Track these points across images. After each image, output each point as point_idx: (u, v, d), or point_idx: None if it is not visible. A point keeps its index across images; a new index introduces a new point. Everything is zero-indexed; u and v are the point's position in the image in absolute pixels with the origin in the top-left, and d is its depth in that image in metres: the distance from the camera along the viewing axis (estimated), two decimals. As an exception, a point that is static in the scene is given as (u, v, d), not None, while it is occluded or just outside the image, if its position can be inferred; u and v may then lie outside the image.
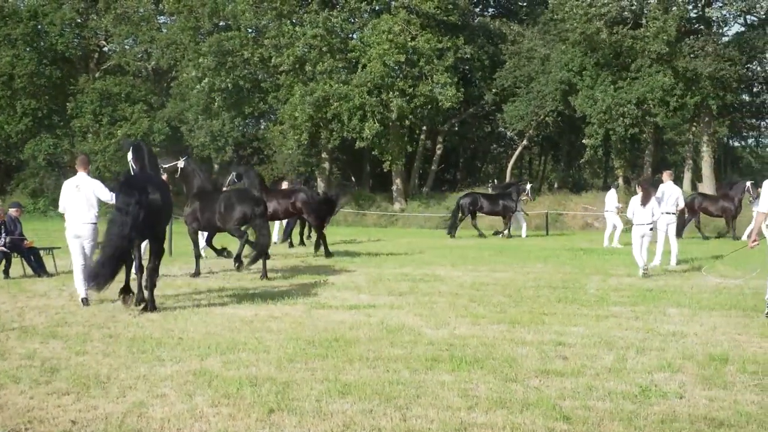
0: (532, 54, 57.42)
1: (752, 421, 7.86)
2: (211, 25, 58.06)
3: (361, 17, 56.72)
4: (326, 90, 52.16)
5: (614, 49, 52.03)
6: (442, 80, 53.15)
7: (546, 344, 11.35)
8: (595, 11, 50.13)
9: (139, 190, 14.24)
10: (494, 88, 59.25)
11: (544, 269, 22.53)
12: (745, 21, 57.10)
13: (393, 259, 25.68)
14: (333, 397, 8.63)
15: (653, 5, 52.31)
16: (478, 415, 8.02)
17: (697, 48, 51.54)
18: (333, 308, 14.77)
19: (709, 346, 11.33)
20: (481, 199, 39.77)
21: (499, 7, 71.12)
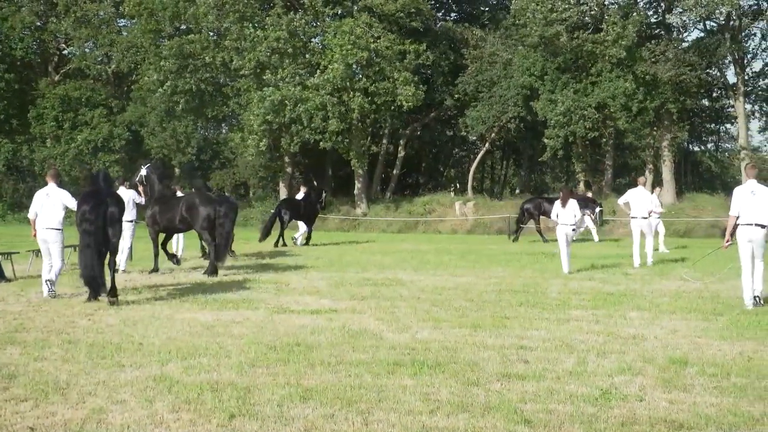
0: (494, 58, 57.59)
1: (711, 423, 7.91)
2: (173, 28, 57.85)
3: (323, 21, 56.66)
4: (283, 94, 52.01)
5: (575, 54, 52.32)
6: (401, 78, 53.12)
7: (507, 348, 11.37)
8: (555, 16, 50.36)
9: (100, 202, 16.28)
10: (456, 92, 59.35)
11: (505, 273, 22.58)
12: (705, 27, 57.51)
13: (355, 264, 25.66)
14: (294, 401, 8.60)
15: (613, 10, 52.65)
16: (439, 419, 8.02)
17: (657, 53, 51.89)
18: (294, 313, 14.74)
19: (669, 349, 11.39)
20: (544, 204, 39.95)
21: (461, 12, 71.21)
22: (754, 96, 60.76)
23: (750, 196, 15.74)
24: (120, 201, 17.25)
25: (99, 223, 16.03)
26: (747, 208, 15.71)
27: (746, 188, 16.00)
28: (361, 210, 58.07)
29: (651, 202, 26.43)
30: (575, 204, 23.82)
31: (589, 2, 51.14)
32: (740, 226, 15.77)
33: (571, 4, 50.62)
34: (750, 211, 15.66)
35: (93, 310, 15.07)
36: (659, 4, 55.97)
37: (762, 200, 15.62)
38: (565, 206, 23.57)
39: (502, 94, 56.01)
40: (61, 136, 61.91)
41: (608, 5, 54.17)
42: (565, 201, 23.68)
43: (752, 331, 12.87)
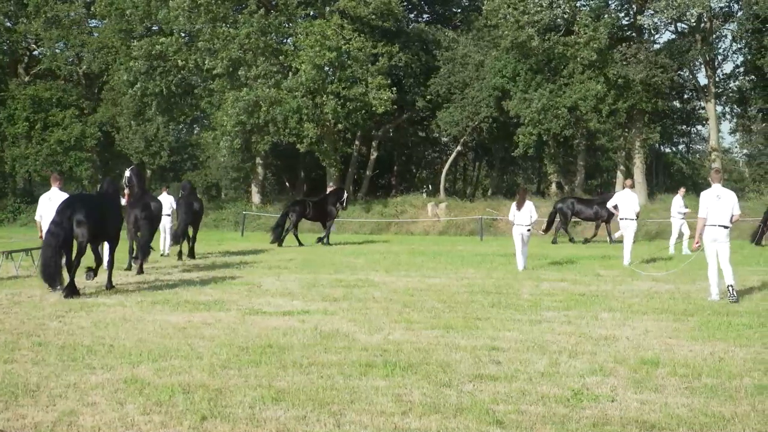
0: (467, 60, 57.70)
1: (683, 423, 7.94)
2: (143, 29, 57.64)
3: (296, 23, 56.59)
4: (258, 95, 51.94)
5: (546, 56, 52.46)
6: (375, 83, 53.13)
7: (479, 349, 11.38)
8: (527, 18, 50.51)
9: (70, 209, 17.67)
10: (429, 94, 59.40)
11: (477, 274, 22.60)
12: (676, 29, 57.78)
13: (327, 265, 25.61)
14: (266, 403, 8.58)
15: (585, 13, 52.82)
16: (411, 420, 8.02)
17: (628, 55, 52.12)
18: (267, 314, 14.71)
19: (640, 349, 11.43)
20: (576, 204, 40.00)
21: (433, 14, 71.28)
22: (725, 98, 61.08)
23: (716, 200, 17.16)
24: (102, 206, 18.73)
25: (65, 225, 17.27)
26: (712, 211, 17.10)
27: (712, 192, 17.37)
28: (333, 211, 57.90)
29: (638, 204, 27.16)
30: (531, 206, 24.71)
31: (561, 4, 51.28)
32: (706, 227, 17.15)
33: (543, 6, 50.76)
34: (715, 214, 17.07)
35: (64, 311, 14.99)
36: (630, 6, 56.21)
37: (726, 203, 17.13)
38: (521, 208, 24.49)
39: (474, 95, 56.16)
40: (33, 136, 61.59)
41: (580, 7, 54.36)
42: (521, 202, 24.61)
43: (723, 331, 12.92)
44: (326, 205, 38.73)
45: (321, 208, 38.63)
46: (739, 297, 16.84)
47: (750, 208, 46.51)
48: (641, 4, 54.63)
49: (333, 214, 39.02)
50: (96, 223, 17.95)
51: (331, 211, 38.72)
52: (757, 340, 12.19)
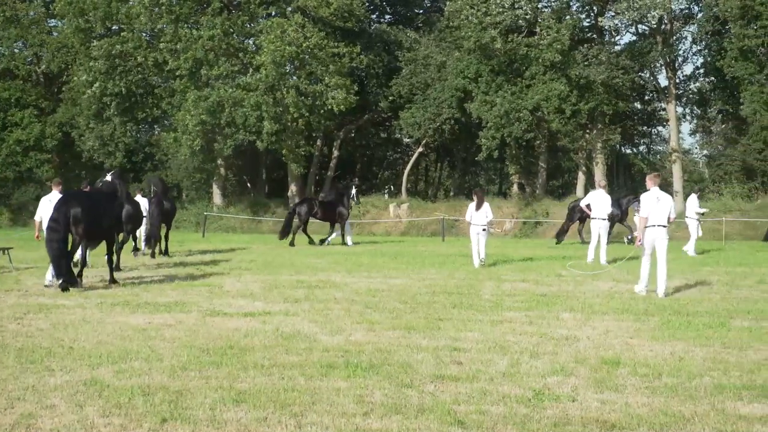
0: (429, 61, 57.81)
1: (643, 423, 7.98)
2: (104, 28, 57.32)
3: (257, 22, 56.50)
4: (221, 95, 51.83)
5: (509, 57, 52.60)
6: (333, 82, 53.11)
7: (441, 350, 11.39)
8: (490, 20, 50.66)
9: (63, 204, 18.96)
10: (390, 95, 59.44)
11: (439, 275, 22.62)
12: (637, 30, 58.13)
13: (288, 266, 25.55)
14: (227, 405, 8.55)
15: (547, 14, 53.05)
16: (373, 421, 8.01)
17: (590, 56, 52.37)
18: (228, 316, 14.66)
19: (601, 349, 11.48)
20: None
21: (395, 15, 71.31)
22: (685, 99, 61.55)
23: (656, 202, 18.35)
24: (95, 203, 19.89)
25: (61, 221, 18.55)
26: (653, 212, 18.31)
27: (652, 195, 18.55)
28: (295, 212, 57.90)
29: (610, 205, 27.91)
30: (488, 206, 25.92)
31: (522, 6, 51.44)
32: (647, 227, 18.37)
33: (505, 7, 50.92)
34: (655, 215, 18.28)
35: (22, 313, 14.88)
36: (592, 8, 56.46)
37: (665, 205, 18.36)
38: (479, 209, 25.64)
39: (436, 96, 56.24)
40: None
41: (542, 9, 54.57)
42: (479, 203, 25.75)
43: (683, 331, 13.00)
44: (336, 205, 38.57)
45: (331, 209, 38.52)
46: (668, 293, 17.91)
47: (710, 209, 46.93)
48: (602, 5, 54.91)
49: (345, 214, 38.68)
50: (92, 220, 19.18)
51: (341, 212, 38.41)
52: (716, 339, 12.27)
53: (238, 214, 57.27)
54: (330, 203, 38.66)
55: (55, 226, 18.59)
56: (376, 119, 68.12)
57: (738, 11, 46.60)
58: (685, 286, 19.90)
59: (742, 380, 9.71)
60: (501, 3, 50.80)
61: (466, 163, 71.32)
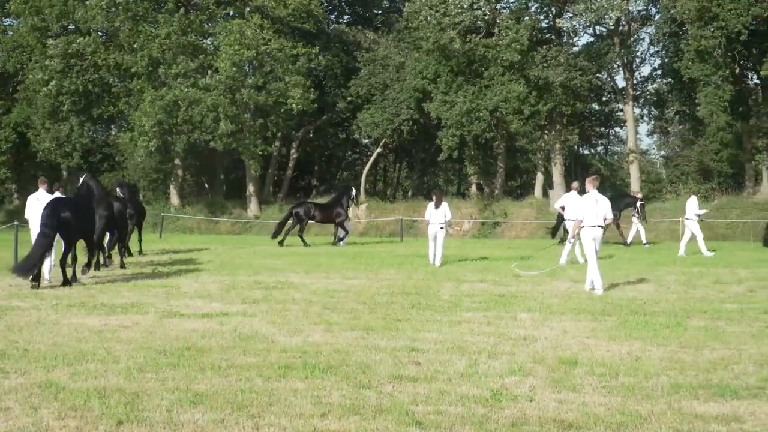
0: (387, 62, 57.83)
1: (600, 422, 8.00)
2: (60, 27, 56.96)
3: (215, 22, 56.38)
4: (177, 94, 51.66)
5: (468, 58, 52.69)
6: (292, 81, 53.07)
7: (399, 350, 11.38)
8: (448, 20, 50.74)
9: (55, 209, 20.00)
10: (349, 95, 59.44)
11: (397, 276, 22.64)
12: (595, 32, 58.43)
13: (246, 267, 25.49)
14: (184, 407, 8.50)
15: (506, 15, 53.23)
16: (330, 422, 7.99)
17: (549, 57, 52.53)
18: (185, 317, 14.58)
19: (558, 349, 11.51)
20: None
21: (354, 15, 71.32)
22: (643, 100, 61.97)
23: (594, 203, 19.22)
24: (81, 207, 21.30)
25: (53, 224, 19.76)
26: (591, 213, 19.15)
27: (591, 197, 19.42)
28: (252, 213, 57.79)
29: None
30: (446, 206, 27.02)
31: (481, 6, 51.56)
32: (586, 227, 19.19)
33: (464, 8, 51.00)
34: (593, 216, 19.14)
35: (-23, 315, 14.76)
36: (550, 9, 56.65)
37: (602, 207, 19.25)
38: (438, 208, 26.70)
39: (395, 96, 56.28)
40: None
41: (500, 10, 54.76)
42: (438, 203, 26.75)
43: (640, 331, 13.06)
44: (334, 207, 38.88)
45: (329, 211, 39.07)
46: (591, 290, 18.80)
47: (668, 210, 47.30)
48: (560, 7, 55.16)
49: (343, 215, 39.03)
50: (77, 222, 20.48)
51: (339, 213, 38.76)
52: (673, 339, 12.33)
53: (196, 214, 57.06)
54: (328, 205, 39.27)
55: (48, 231, 19.76)
56: (334, 120, 68.11)
57: (695, 13, 46.89)
58: (643, 285, 20.03)
59: (699, 379, 9.76)
60: (460, 4, 50.89)
61: (425, 164, 71.44)
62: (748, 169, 55.22)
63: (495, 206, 53.73)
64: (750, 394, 9.08)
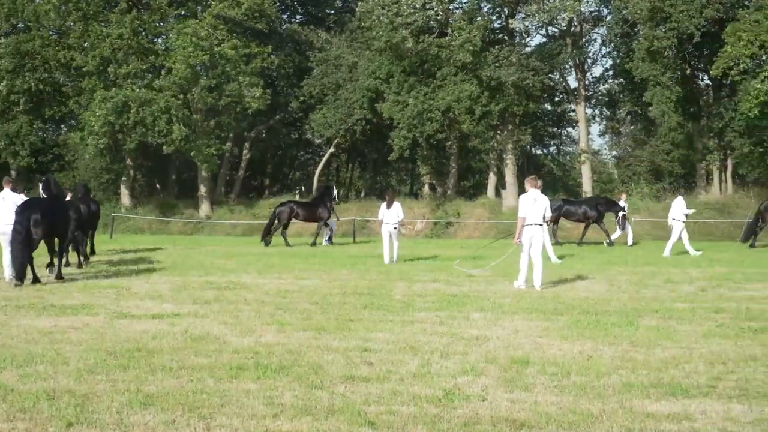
0: (340, 62, 57.85)
1: (552, 421, 8.02)
2: (9, 25, 56.51)
3: (167, 22, 56.16)
4: (128, 95, 51.43)
5: (420, 58, 52.80)
6: (246, 81, 53.00)
7: (352, 350, 11.36)
8: (401, 20, 50.81)
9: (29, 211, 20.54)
10: (302, 95, 59.40)
11: (350, 276, 22.62)
12: (547, 32, 58.79)
13: (198, 267, 25.36)
14: (135, 408, 8.42)
15: (458, 15, 53.39)
16: (283, 422, 7.95)
17: (501, 58, 52.72)
18: (136, 318, 14.47)
19: (510, 349, 11.53)
20: (565, 206, 40.15)
21: (306, 15, 71.25)
22: (595, 100, 62.47)
23: (533, 203, 19.75)
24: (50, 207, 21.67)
25: (25, 224, 20.18)
26: (530, 212, 19.67)
27: (530, 196, 19.94)
28: (204, 213, 57.59)
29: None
30: (399, 206, 28.10)
31: (434, 7, 51.67)
32: (525, 226, 19.66)
33: (417, 8, 51.11)
34: (532, 215, 19.66)
35: (-76, 317, 14.59)
36: (503, 9, 56.88)
37: (541, 206, 19.81)
38: (390, 208, 27.82)
39: (347, 96, 56.29)
40: None
41: (453, 10, 54.92)
42: (390, 203, 27.92)
43: (591, 330, 13.11)
44: (317, 206, 39.03)
45: (311, 210, 39.34)
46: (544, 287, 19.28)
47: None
48: (513, 7, 55.42)
49: (325, 215, 39.19)
50: (49, 222, 20.91)
51: (322, 213, 38.89)
52: (624, 338, 12.39)
53: (147, 215, 56.76)
54: (311, 204, 39.49)
55: (20, 228, 20.13)
56: (287, 120, 68.06)
57: (647, 13, 47.27)
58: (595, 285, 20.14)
59: (650, 378, 9.80)
60: (412, 4, 51.00)
61: (378, 164, 71.50)
62: (699, 170, 55.79)
63: (447, 206, 53.88)
64: (701, 393, 9.14)
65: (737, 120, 49.42)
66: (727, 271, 23.91)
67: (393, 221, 27.54)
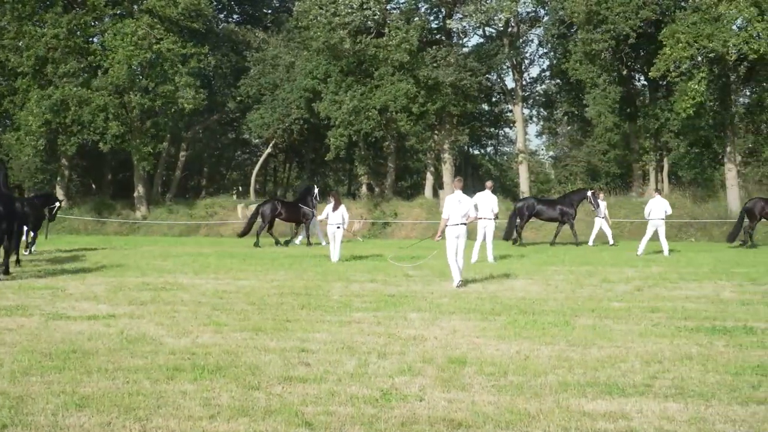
0: (277, 61, 57.78)
1: (489, 421, 8.04)
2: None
3: (102, 21, 55.75)
4: (65, 94, 51.02)
5: (358, 58, 52.86)
6: (182, 81, 52.78)
7: (289, 351, 11.33)
8: (338, 20, 50.85)
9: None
10: (239, 95, 59.24)
11: (287, 276, 22.56)
12: (484, 33, 59.05)
13: (134, 268, 25.17)
14: (70, 410, 8.34)
15: (396, 15, 53.50)
16: (219, 423, 7.92)
17: (439, 58, 52.88)
18: (71, 319, 14.33)
19: (448, 349, 11.55)
20: (537, 204, 39.91)
21: (243, 14, 71.08)
22: (532, 101, 62.82)
23: (457, 203, 20.35)
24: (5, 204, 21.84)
25: None
26: (454, 213, 20.27)
27: (454, 197, 20.60)
28: (141, 213, 57.23)
29: (497, 205, 29.48)
30: (344, 208, 29.28)
31: (371, 7, 51.73)
32: (450, 226, 20.32)
33: (354, 8, 51.14)
34: (456, 215, 20.26)
35: None
36: (440, 10, 57.08)
37: (465, 206, 20.43)
38: (335, 209, 28.81)
39: (285, 96, 56.26)
40: None
41: (390, 10, 55.02)
42: (336, 205, 28.93)
43: (529, 330, 13.16)
44: (301, 206, 38.73)
45: (295, 209, 39.52)
46: (465, 283, 20.11)
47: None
48: (451, 8, 55.62)
49: (309, 214, 39.20)
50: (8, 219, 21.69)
51: (305, 212, 38.79)
52: (561, 338, 12.46)
53: (83, 215, 56.27)
54: (294, 204, 39.35)
55: None
56: (224, 120, 67.86)
57: (584, 15, 47.60)
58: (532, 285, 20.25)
59: (586, 377, 9.87)
60: (350, 4, 51.05)
61: (315, 164, 71.51)
62: (636, 170, 56.33)
63: (385, 206, 53.97)
64: (637, 392, 9.21)
65: (672, 120, 49.91)
66: (663, 271, 24.13)
67: (338, 221, 28.62)
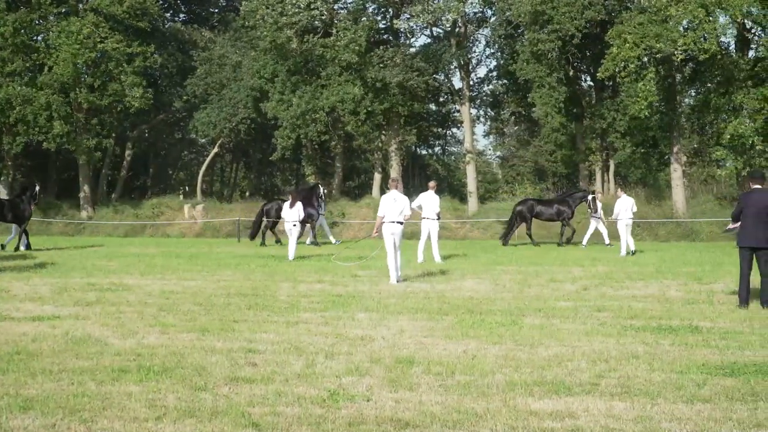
0: (224, 61, 57.58)
1: (436, 420, 8.05)
2: None
3: (47, 20, 55.31)
4: (9, 93, 50.59)
5: (305, 58, 52.80)
6: (129, 81, 52.52)
7: (236, 351, 11.29)
8: (286, 20, 50.69)
9: None
10: (185, 94, 58.99)
11: (234, 277, 22.49)
12: (432, 33, 59.14)
13: (79, 269, 24.97)
14: (14, 412, 8.25)
15: (343, 15, 53.50)
16: (166, 425, 7.87)
17: (386, 58, 52.88)
18: (15, 320, 14.20)
19: (396, 349, 11.56)
20: (537, 206, 39.87)
21: (190, 13, 70.80)
22: (479, 101, 62.98)
23: (393, 202, 21.06)
24: None
25: None
26: (390, 211, 21.02)
27: (390, 196, 21.37)
28: (86, 213, 56.79)
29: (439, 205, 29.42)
30: (300, 205, 30.61)
31: (319, 7, 51.67)
32: (386, 224, 21.05)
33: (301, 8, 51.04)
34: (392, 213, 21.01)
35: None
36: (388, 10, 57.10)
37: (400, 205, 21.11)
38: (292, 207, 30.06)
39: (232, 96, 56.10)
40: None
41: (338, 10, 55.02)
42: (293, 202, 30.20)
43: (476, 330, 13.19)
44: (306, 205, 38.27)
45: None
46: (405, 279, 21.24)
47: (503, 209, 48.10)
48: (398, 8, 55.68)
49: (314, 215, 39.02)
50: None
51: (310, 213, 38.06)
52: (508, 337, 12.49)
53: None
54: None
55: None
56: (170, 119, 67.55)
57: (530, 16, 47.77)
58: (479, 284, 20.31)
59: (533, 377, 9.90)
60: (297, 3, 50.93)
61: (262, 164, 71.34)
62: (582, 170, 56.56)
63: (332, 206, 53.87)
64: (583, 391, 9.26)
65: (618, 121, 50.21)
66: (609, 270, 24.29)
67: (294, 219, 30.00)
